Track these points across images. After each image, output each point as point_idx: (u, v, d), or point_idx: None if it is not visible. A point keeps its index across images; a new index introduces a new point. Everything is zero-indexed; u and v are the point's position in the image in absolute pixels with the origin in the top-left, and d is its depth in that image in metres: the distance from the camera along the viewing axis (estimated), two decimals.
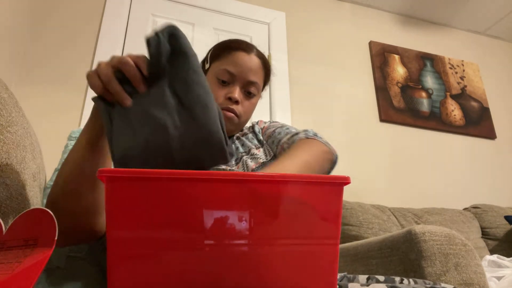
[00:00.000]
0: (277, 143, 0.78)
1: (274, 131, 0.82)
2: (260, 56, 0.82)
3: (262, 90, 0.87)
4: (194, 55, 0.47)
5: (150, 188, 0.34)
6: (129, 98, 0.45)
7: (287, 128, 0.80)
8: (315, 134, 0.72)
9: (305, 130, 0.74)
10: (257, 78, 0.79)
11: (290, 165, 0.58)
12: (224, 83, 0.77)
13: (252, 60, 0.78)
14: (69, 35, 1.70)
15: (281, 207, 0.36)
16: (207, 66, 0.83)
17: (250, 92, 0.79)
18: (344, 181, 0.37)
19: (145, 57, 0.47)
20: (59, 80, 1.60)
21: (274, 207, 0.36)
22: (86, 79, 0.46)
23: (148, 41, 0.45)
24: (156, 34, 0.45)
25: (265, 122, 0.90)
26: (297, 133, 0.74)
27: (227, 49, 0.80)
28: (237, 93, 0.76)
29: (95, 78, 0.45)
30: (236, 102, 0.76)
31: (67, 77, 1.62)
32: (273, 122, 0.89)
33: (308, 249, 0.37)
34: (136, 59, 0.46)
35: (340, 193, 0.37)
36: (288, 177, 0.36)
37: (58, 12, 1.72)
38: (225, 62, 0.78)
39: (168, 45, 0.46)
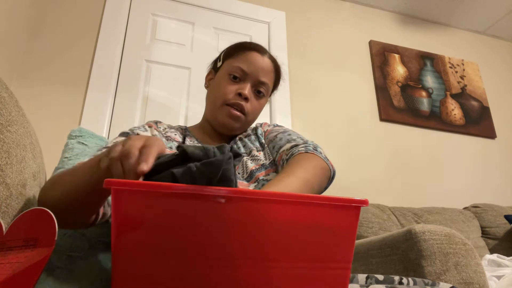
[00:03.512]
0: (277, 149, 0.77)
1: (276, 136, 0.81)
2: (273, 59, 0.84)
3: (271, 94, 0.88)
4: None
5: (159, 202, 0.33)
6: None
7: (289, 135, 0.80)
8: (315, 149, 0.71)
9: (306, 143, 0.73)
10: (268, 79, 0.81)
11: (293, 183, 0.57)
12: (235, 79, 0.79)
13: (265, 62, 0.80)
14: (69, 35, 1.69)
15: (294, 228, 0.35)
16: (219, 64, 0.85)
17: (260, 91, 0.80)
18: (361, 204, 0.36)
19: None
20: (59, 79, 1.60)
21: (287, 228, 0.35)
22: (111, 162, 0.41)
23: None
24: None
25: (268, 125, 0.91)
26: (297, 145, 0.72)
27: (241, 48, 0.82)
28: (247, 90, 0.77)
29: (118, 164, 0.40)
30: (246, 99, 0.77)
31: (67, 77, 1.62)
32: (277, 126, 0.89)
33: (319, 273, 0.36)
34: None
35: (356, 216, 0.36)
36: (302, 197, 0.35)
37: (58, 12, 1.72)
38: (239, 60, 0.80)
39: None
